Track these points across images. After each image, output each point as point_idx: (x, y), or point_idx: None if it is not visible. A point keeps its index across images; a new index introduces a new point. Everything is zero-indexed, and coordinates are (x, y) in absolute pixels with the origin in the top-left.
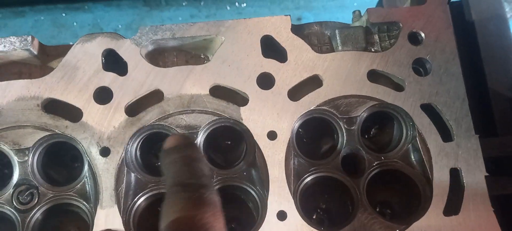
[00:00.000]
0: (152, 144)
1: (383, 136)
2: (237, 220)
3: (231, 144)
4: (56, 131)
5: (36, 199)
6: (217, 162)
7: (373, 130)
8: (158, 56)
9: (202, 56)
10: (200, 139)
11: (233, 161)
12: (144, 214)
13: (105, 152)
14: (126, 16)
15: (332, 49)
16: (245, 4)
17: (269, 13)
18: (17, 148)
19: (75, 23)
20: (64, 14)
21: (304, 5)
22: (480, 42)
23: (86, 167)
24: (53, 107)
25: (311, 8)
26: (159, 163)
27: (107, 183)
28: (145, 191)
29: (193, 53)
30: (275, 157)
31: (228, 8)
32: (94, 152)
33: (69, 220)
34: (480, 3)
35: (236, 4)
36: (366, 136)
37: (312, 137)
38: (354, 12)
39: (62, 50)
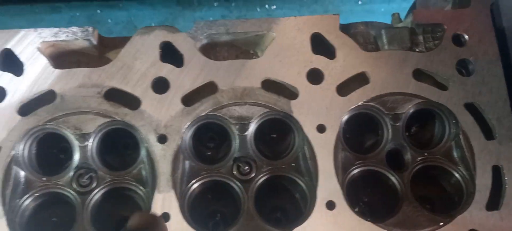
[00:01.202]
0: (205, 133)
1: (424, 133)
2: (282, 209)
3: (280, 136)
4: (116, 117)
5: (95, 182)
6: (265, 153)
7: (413, 127)
8: (210, 50)
9: (251, 51)
10: (251, 129)
11: (280, 153)
12: (196, 199)
13: (162, 139)
14: (159, 15)
15: (377, 48)
16: (274, 7)
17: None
18: (79, 133)
19: (109, 20)
20: (99, 11)
21: (332, 9)
22: (511, 48)
23: (143, 153)
24: (113, 95)
25: (339, 12)
26: (209, 153)
27: (164, 168)
28: (198, 177)
29: (243, 49)
30: (324, 149)
31: (258, 9)
32: (152, 139)
33: (124, 204)
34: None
35: (266, 6)
36: (407, 133)
37: (355, 132)
38: (393, 14)
39: (119, 42)
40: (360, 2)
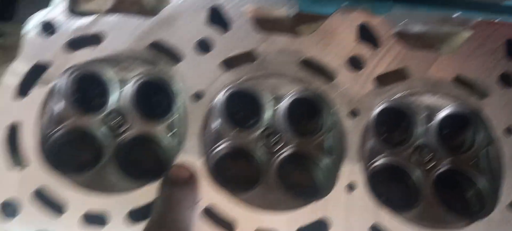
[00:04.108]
0: (386, 117)
1: None
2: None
3: (459, 131)
4: (310, 86)
5: (281, 144)
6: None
7: None
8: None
9: (435, 47)
10: (437, 120)
11: (454, 149)
12: (374, 176)
13: (353, 113)
14: None
15: None
16: None
17: None
18: (274, 95)
19: None
20: None
21: None
22: None
23: (330, 124)
24: (309, 65)
25: None
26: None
27: (353, 141)
28: (380, 156)
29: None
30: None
31: None
32: (343, 111)
33: (300, 171)
34: None
35: None
36: None
37: None
38: None
39: (310, 18)
40: None
